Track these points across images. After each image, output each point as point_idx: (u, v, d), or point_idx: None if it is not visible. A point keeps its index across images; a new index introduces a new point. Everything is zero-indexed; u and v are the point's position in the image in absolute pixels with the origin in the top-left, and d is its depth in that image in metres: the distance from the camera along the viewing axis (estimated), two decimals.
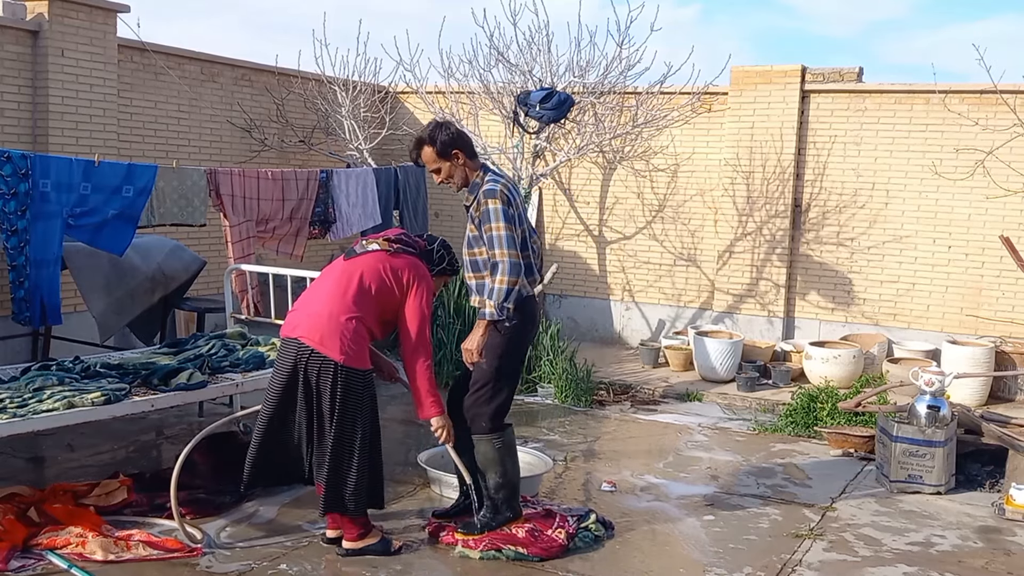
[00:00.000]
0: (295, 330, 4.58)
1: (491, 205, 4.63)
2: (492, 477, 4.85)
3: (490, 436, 4.81)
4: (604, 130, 9.36)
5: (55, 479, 5.51)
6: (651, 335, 10.29)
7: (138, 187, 6.35)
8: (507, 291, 4.60)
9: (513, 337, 4.76)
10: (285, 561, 4.65)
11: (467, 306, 8.59)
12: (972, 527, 5.47)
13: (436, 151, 4.73)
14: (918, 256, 9.14)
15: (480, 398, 4.79)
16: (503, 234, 4.61)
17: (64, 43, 7.57)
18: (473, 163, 4.81)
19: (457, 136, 4.76)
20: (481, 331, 4.70)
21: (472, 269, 4.81)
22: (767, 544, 5.10)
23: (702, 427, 7.53)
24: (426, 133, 4.76)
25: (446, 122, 4.87)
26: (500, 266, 4.61)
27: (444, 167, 4.77)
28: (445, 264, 4.94)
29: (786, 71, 9.44)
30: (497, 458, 4.83)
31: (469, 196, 4.81)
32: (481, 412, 4.80)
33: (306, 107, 10.22)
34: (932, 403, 6.03)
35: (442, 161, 4.75)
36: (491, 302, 4.63)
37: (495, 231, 4.62)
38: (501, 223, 4.61)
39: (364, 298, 4.58)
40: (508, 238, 4.61)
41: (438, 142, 4.71)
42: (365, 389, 4.57)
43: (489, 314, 4.65)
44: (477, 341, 4.70)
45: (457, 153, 4.75)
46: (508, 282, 4.60)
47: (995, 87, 8.33)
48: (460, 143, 4.75)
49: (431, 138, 4.73)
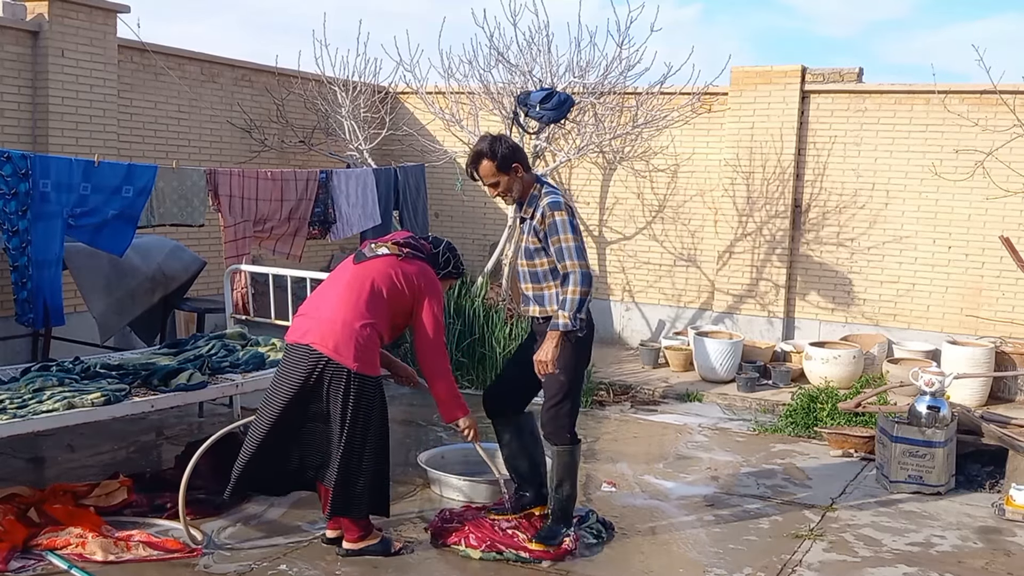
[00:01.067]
0: (305, 336, 4.53)
1: (558, 217, 4.62)
2: (567, 488, 4.88)
3: (571, 448, 4.84)
4: (604, 130, 9.37)
5: (55, 479, 5.51)
6: (651, 335, 10.29)
7: (138, 187, 6.35)
8: (580, 301, 4.59)
9: (580, 346, 4.78)
10: (285, 561, 4.65)
11: (467, 306, 8.59)
12: (972, 527, 5.47)
13: (496, 165, 4.69)
14: (918, 256, 9.14)
15: (560, 410, 4.79)
16: (572, 245, 4.61)
17: (64, 43, 7.57)
18: (529, 176, 4.80)
19: (515, 149, 4.75)
20: (555, 342, 4.63)
21: (532, 280, 4.81)
22: (767, 544, 5.10)
23: (702, 427, 7.53)
24: (485, 147, 4.70)
25: (502, 135, 4.85)
26: (572, 276, 4.59)
27: (503, 180, 4.73)
28: (451, 267, 4.94)
29: (786, 71, 9.44)
30: (572, 469, 4.89)
31: (527, 209, 4.78)
32: (562, 424, 4.82)
33: (306, 107, 10.22)
34: (932, 403, 6.03)
35: (501, 175, 4.71)
36: (565, 313, 4.59)
37: (564, 242, 4.61)
38: (570, 234, 4.62)
39: (377, 304, 4.55)
40: (577, 248, 4.63)
41: (499, 155, 4.67)
42: (376, 395, 4.56)
43: (564, 325, 4.60)
44: (552, 352, 4.63)
45: (516, 166, 4.72)
46: (581, 292, 4.59)
47: (995, 87, 8.33)
48: (519, 156, 4.74)
49: (491, 151, 4.68)
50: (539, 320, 4.85)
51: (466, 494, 5.56)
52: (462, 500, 5.52)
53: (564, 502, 4.91)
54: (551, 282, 4.74)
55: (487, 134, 4.89)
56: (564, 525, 4.90)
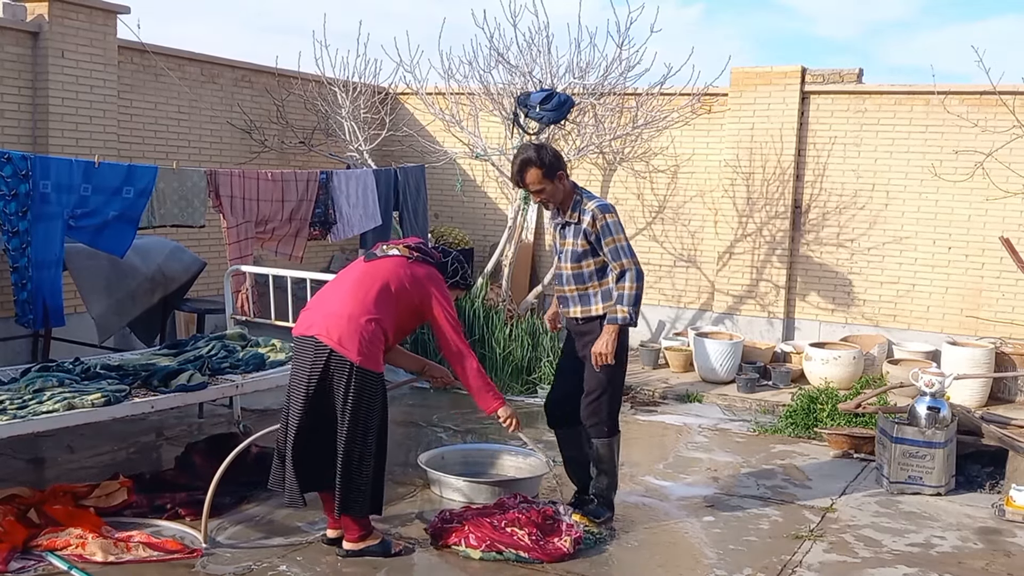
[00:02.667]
0: (310, 328, 4.56)
1: (610, 219, 4.90)
2: (605, 479, 5.19)
3: (611, 440, 5.12)
4: (604, 131, 9.37)
5: (55, 480, 5.51)
6: (651, 336, 10.29)
7: (138, 188, 6.35)
8: (637, 296, 4.88)
9: (624, 342, 5.03)
10: (285, 561, 4.65)
11: (467, 307, 8.60)
12: (972, 528, 5.47)
13: (543, 172, 4.89)
14: (918, 257, 9.14)
15: (601, 404, 5.05)
16: (625, 245, 4.91)
17: (64, 44, 7.58)
18: (570, 182, 5.04)
19: (559, 157, 4.98)
20: (613, 336, 4.90)
21: (576, 282, 5.03)
22: (767, 545, 5.10)
23: (702, 428, 7.53)
24: (532, 155, 4.90)
25: (545, 144, 5.10)
26: (628, 273, 4.88)
27: (548, 187, 4.94)
28: (459, 278, 4.99)
29: (786, 72, 9.44)
30: (613, 459, 5.16)
31: (572, 214, 4.99)
32: (604, 417, 5.07)
33: (306, 108, 10.22)
34: (932, 404, 6.03)
35: (547, 182, 4.92)
36: (624, 308, 4.87)
37: (619, 242, 4.90)
38: (622, 234, 4.92)
39: (385, 301, 4.59)
40: (630, 248, 4.93)
41: (546, 163, 4.88)
42: (377, 392, 4.57)
43: (622, 319, 4.87)
44: (611, 344, 4.89)
45: (561, 174, 4.96)
46: (637, 287, 4.88)
47: (995, 88, 8.33)
48: (562, 164, 4.99)
49: (540, 160, 4.88)
50: (579, 321, 5.09)
51: (466, 495, 5.56)
52: (462, 501, 5.52)
53: (604, 491, 5.21)
54: (595, 282, 5.01)
55: (530, 143, 5.18)
56: (610, 512, 5.24)
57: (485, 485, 5.58)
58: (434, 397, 7.98)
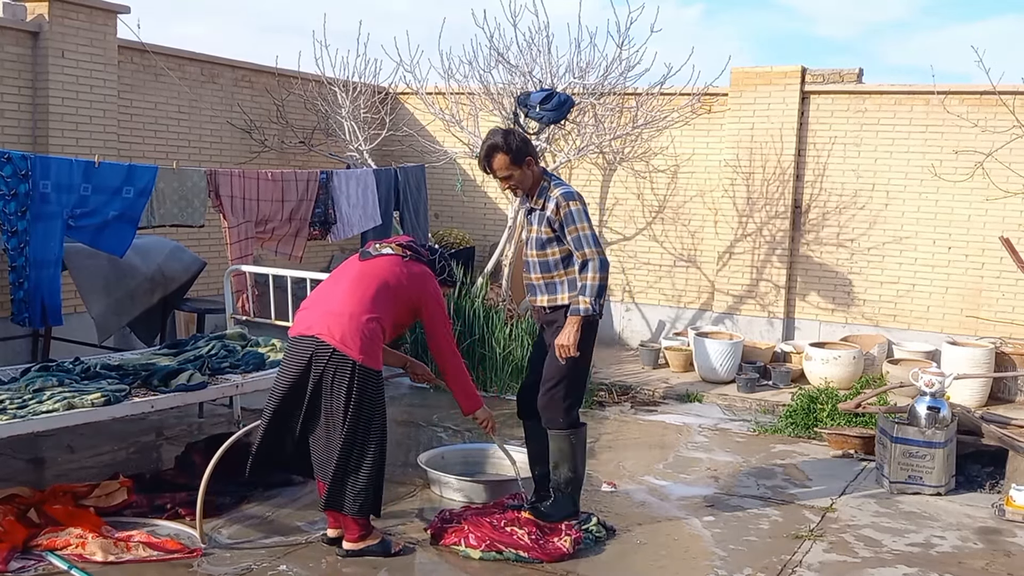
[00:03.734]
0: (311, 328, 4.56)
1: (573, 207, 4.77)
2: (564, 472, 4.99)
3: (567, 432, 4.94)
4: (604, 131, 9.37)
5: (55, 480, 5.51)
6: (651, 336, 10.29)
7: (138, 188, 6.35)
8: (600, 287, 4.75)
9: (587, 334, 4.87)
10: (285, 561, 4.65)
11: (467, 307, 8.59)
12: (972, 528, 5.47)
13: (511, 158, 4.81)
14: (918, 257, 9.14)
15: (556, 394, 4.91)
16: (589, 234, 4.77)
17: (64, 44, 7.57)
18: (538, 169, 4.93)
19: (527, 143, 4.87)
20: (576, 327, 4.76)
21: (542, 270, 4.91)
22: (767, 545, 5.10)
23: (702, 428, 7.53)
24: (499, 140, 4.81)
25: (513, 129, 4.97)
26: (591, 263, 4.74)
27: (516, 174, 4.85)
28: (445, 275, 5.01)
29: (786, 72, 9.44)
30: (572, 452, 4.97)
31: (537, 200, 4.89)
32: (558, 408, 4.93)
33: (306, 108, 10.22)
34: (932, 404, 6.03)
35: (515, 168, 4.83)
36: (586, 298, 4.74)
37: (581, 231, 4.76)
38: (586, 223, 4.78)
39: (383, 300, 4.61)
40: (594, 237, 4.78)
41: (513, 149, 4.78)
42: (378, 390, 4.59)
43: (585, 310, 4.75)
44: (574, 336, 4.76)
45: (529, 159, 4.85)
46: (600, 278, 4.74)
47: (994, 88, 8.33)
48: (531, 149, 4.87)
49: (506, 145, 4.78)
50: (547, 310, 4.96)
51: (466, 494, 5.55)
52: (462, 500, 5.52)
53: (562, 487, 5.00)
54: (562, 271, 4.87)
55: (498, 128, 4.99)
56: (565, 512, 4.98)
57: (485, 485, 5.58)
58: (434, 397, 7.98)
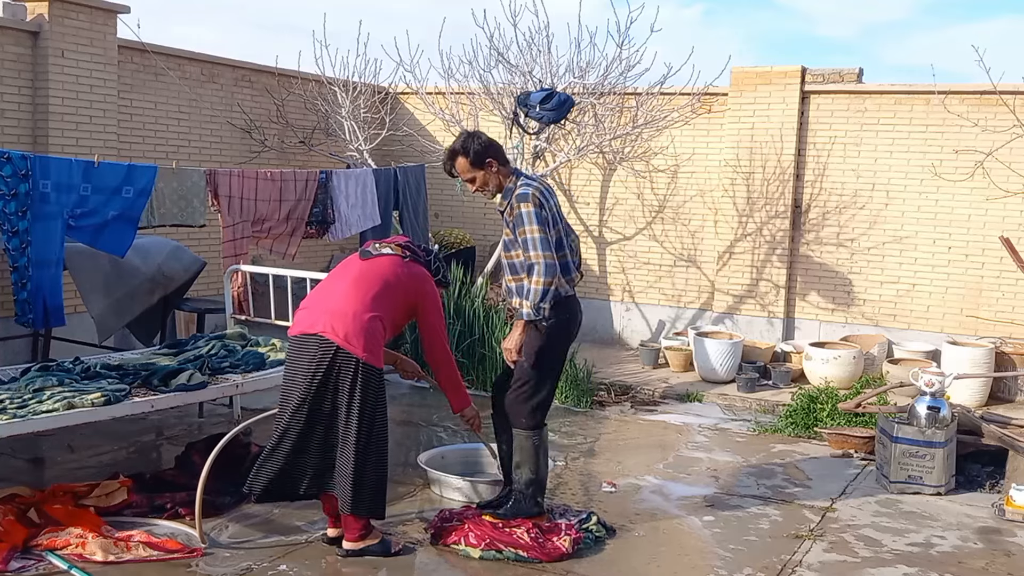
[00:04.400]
0: (313, 326, 4.55)
1: (523, 209, 4.75)
2: (525, 472, 5.01)
3: (529, 433, 4.98)
4: (604, 131, 9.37)
5: (55, 480, 5.51)
6: (651, 336, 10.29)
7: (138, 188, 6.35)
8: (543, 291, 4.73)
9: (551, 336, 4.88)
10: (285, 561, 4.65)
11: (467, 307, 8.59)
12: (972, 528, 5.47)
13: (470, 161, 4.86)
14: (918, 257, 9.14)
15: (521, 395, 4.95)
16: (536, 236, 4.73)
17: (64, 44, 7.57)
18: (506, 169, 4.93)
19: (489, 145, 4.89)
20: (519, 331, 4.83)
21: (510, 272, 4.93)
22: (767, 545, 5.10)
23: (702, 428, 7.53)
24: (459, 144, 4.89)
25: (477, 132, 5.01)
26: (536, 267, 4.73)
27: (479, 176, 4.89)
28: (440, 275, 5.03)
29: (786, 72, 9.44)
30: (533, 454, 4.99)
31: (503, 201, 4.92)
32: (521, 409, 4.96)
33: (306, 108, 10.22)
34: (932, 404, 6.03)
35: (476, 171, 4.88)
36: (528, 302, 4.76)
37: (528, 234, 4.74)
38: (535, 225, 4.74)
39: (384, 299, 4.63)
40: (542, 240, 4.72)
41: (471, 152, 4.84)
42: (380, 388, 4.60)
43: (526, 314, 4.78)
44: (516, 340, 4.84)
45: (491, 161, 4.88)
46: (544, 283, 4.72)
47: (995, 88, 8.33)
48: (492, 152, 4.88)
49: (464, 149, 4.86)
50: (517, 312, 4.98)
51: (466, 494, 5.56)
52: (462, 500, 5.52)
53: (523, 487, 5.01)
54: (526, 273, 4.84)
55: (463, 131, 5.08)
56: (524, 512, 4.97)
57: (485, 485, 5.58)
58: (433, 397, 7.98)
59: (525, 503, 5.02)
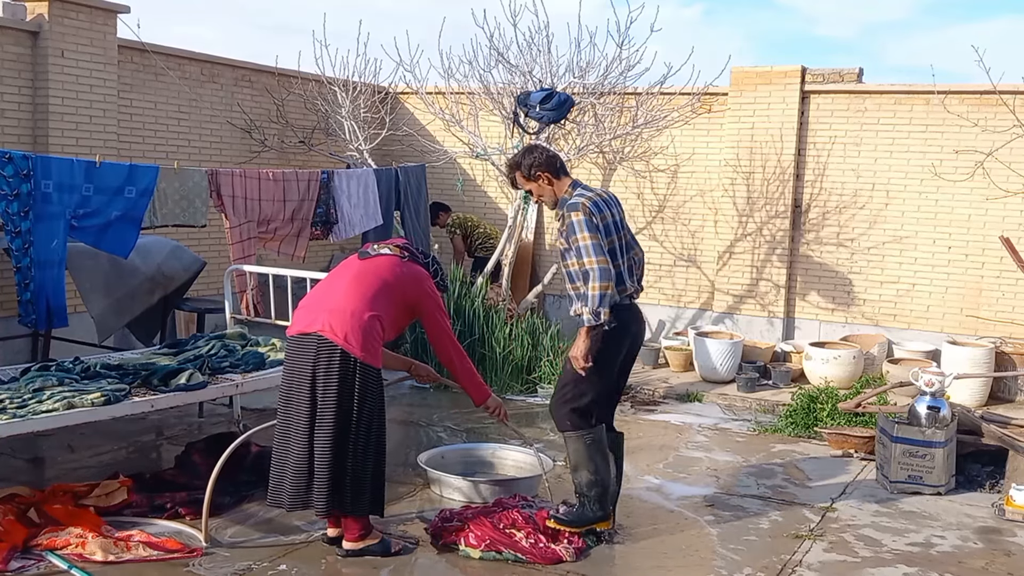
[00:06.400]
0: (312, 325, 4.55)
1: (573, 218, 4.83)
2: (584, 474, 4.98)
3: (576, 433, 4.96)
4: (604, 131, 9.37)
5: (55, 480, 5.51)
6: (651, 335, 10.28)
7: (140, 188, 6.34)
8: (600, 296, 4.72)
9: (607, 343, 4.88)
10: (285, 561, 4.65)
11: (467, 306, 8.60)
12: (972, 528, 5.47)
13: (523, 174, 5.08)
14: (918, 257, 9.14)
15: (563, 397, 4.99)
16: (588, 243, 4.77)
17: (64, 44, 7.58)
18: (561, 182, 5.06)
19: (543, 160, 5.05)
20: (583, 338, 4.81)
21: (568, 280, 5.00)
22: (767, 545, 5.10)
23: (702, 428, 7.53)
24: (516, 158, 5.13)
25: (535, 146, 5.22)
26: (591, 273, 4.75)
27: (533, 188, 5.10)
28: (438, 279, 5.05)
29: (786, 72, 9.44)
30: (587, 455, 4.96)
31: (558, 213, 5.04)
32: (563, 411, 4.98)
33: (306, 108, 10.22)
34: (932, 404, 6.03)
35: (531, 183, 5.09)
36: (586, 308, 4.78)
37: (580, 241, 4.80)
38: (585, 233, 4.78)
39: (383, 298, 4.64)
40: (594, 246, 4.76)
41: (523, 166, 5.07)
42: (378, 388, 4.61)
43: (586, 320, 4.77)
44: (581, 348, 4.81)
45: (541, 175, 5.03)
46: (600, 287, 4.72)
47: (995, 88, 8.33)
48: (546, 166, 5.04)
49: (518, 163, 5.11)
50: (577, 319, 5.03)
51: (466, 494, 5.56)
52: (462, 500, 5.53)
53: (583, 489, 5.00)
54: (580, 282, 4.88)
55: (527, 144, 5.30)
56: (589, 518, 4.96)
57: (485, 485, 5.59)
58: (434, 397, 7.98)
59: (589, 506, 4.96)
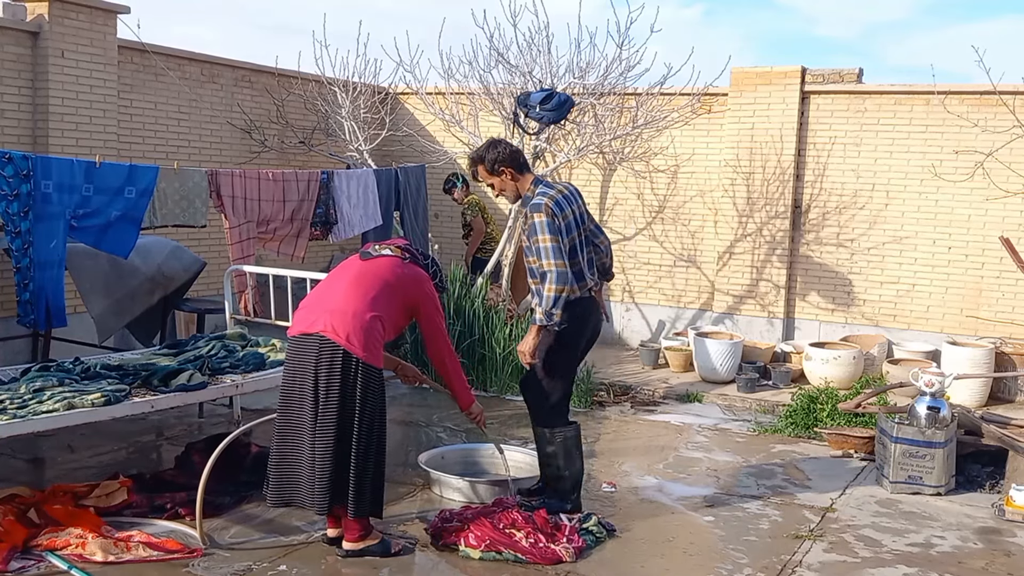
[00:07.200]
0: (313, 325, 4.55)
1: (536, 219, 4.96)
2: (552, 469, 5.22)
3: (549, 431, 5.19)
4: (604, 131, 9.37)
5: (55, 480, 5.51)
6: (651, 336, 10.29)
7: (140, 188, 6.34)
8: (554, 299, 4.90)
9: (562, 337, 5.07)
10: (285, 561, 4.65)
11: (467, 307, 8.60)
12: (972, 528, 5.47)
13: (486, 168, 5.17)
14: (918, 257, 9.14)
15: (537, 395, 5.19)
16: (548, 246, 4.91)
17: (64, 44, 7.58)
18: (524, 178, 5.16)
19: (507, 155, 5.13)
20: (533, 335, 5.03)
21: (531, 276, 5.13)
22: (767, 545, 5.10)
23: (702, 428, 7.53)
24: (479, 152, 5.19)
25: (498, 140, 5.28)
26: (548, 275, 4.91)
27: (496, 182, 5.18)
28: (437, 280, 5.07)
29: (786, 72, 9.44)
30: (556, 452, 5.19)
31: (522, 209, 5.19)
32: (535, 406, 5.21)
33: (306, 108, 10.22)
34: (932, 404, 6.03)
35: (493, 177, 5.17)
36: (540, 308, 4.94)
37: (540, 243, 4.93)
38: (546, 235, 4.92)
39: (384, 299, 4.65)
40: (553, 249, 4.90)
41: (486, 160, 5.15)
42: (380, 388, 4.61)
43: (538, 320, 4.96)
44: (530, 344, 5.04)
45: (504, 170, 5.12)
46: (555, 290, 4.90)
47: (995, 88, 8.33)
48: (509, 161, 5.13)
49: (481, 157, 5.18)
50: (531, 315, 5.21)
51: (466, 494, 5.56)
52: (462, 500, 5.53)
53: (553, 483, 5.23)
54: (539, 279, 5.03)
55: (489, 138, 5.37)
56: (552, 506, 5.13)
57: (485, 485, 5.59)
58: (434, 397, 7.98)
59: (556, 498, 5.19)
